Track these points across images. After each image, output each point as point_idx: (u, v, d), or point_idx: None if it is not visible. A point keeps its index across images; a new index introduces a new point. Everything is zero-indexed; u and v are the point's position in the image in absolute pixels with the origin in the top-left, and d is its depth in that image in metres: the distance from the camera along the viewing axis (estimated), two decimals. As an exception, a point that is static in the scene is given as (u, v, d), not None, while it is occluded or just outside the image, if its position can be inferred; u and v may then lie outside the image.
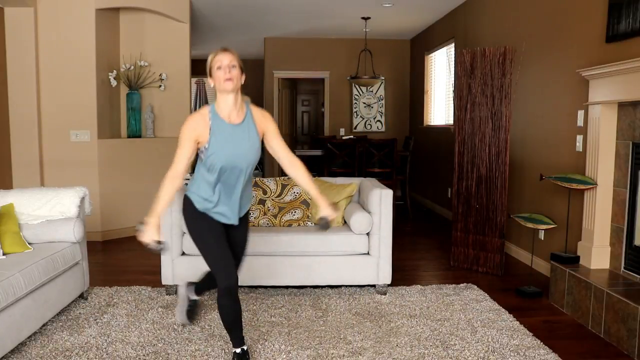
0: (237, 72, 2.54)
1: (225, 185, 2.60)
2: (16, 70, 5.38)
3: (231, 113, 2.58)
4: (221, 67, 2.51)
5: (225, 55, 2.54)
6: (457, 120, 4.72)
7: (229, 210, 2.64)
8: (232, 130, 2.56)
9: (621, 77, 3.42)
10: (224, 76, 2.50)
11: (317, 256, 3.85)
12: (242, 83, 2.59)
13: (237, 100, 2.58)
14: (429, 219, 7.19)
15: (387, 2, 6.64)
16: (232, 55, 2.55)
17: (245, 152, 2.57)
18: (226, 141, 2.54)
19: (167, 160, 6.61)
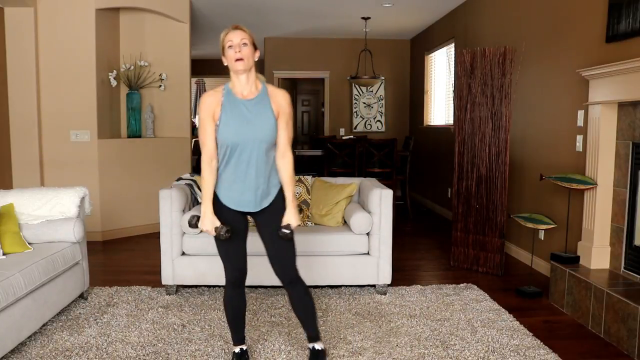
0: (249, 50, 2.46)
1: (240, 164, 2.48)
2: (16, 70, 5.38)
3: (244, 89, 2.51)
4: (232, 45, 2.45)
5: (236, 33, 2.46)
6: (457, 120, 4.72)
7: (247, 194, 2.51)
8: (244, 105, 2.48)
9: (621, 77, 3.42)
10: (235, 55, 2.44)
11: (317, 256, 3.85)
12: (256, 60, 2.51)
13: (250, 78, 2.51)
14: (429, 219, 7.19)
15: (387, 2, 6.64)
16: (244, 32, 2.47)
17: (257, 127, 2.46)
18: (237, 115, 2.46)
19: (167, 160, 6.67)
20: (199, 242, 3.84)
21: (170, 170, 6.05)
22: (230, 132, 2.45)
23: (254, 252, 3.84)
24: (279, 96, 2.54)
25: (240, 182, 2.50)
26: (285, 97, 2.56)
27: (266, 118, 2.48)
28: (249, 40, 2.47)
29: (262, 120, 2.47)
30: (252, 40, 2.49)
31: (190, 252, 3.86)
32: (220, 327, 3.32)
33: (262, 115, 2.48)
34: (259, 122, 2.47)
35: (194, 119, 12.17)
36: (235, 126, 2.45)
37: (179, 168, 6.19)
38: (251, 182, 2.50)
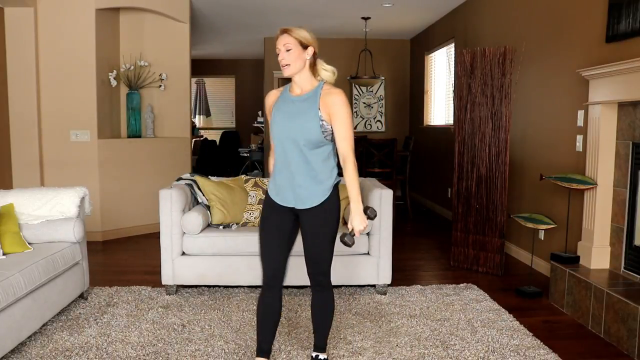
0: (294, 54, 2.41)
1: (283, 161, 2.48)
2: (16, 70, 5.38)
3: (297, 88, 2.49)
4: (278, 51, 2.44)
5: (281, 38, 2.43)
6: (457, 120, 4.72)
7: (286, 190, 2.48)
8: (291, 102, 2.47)
9: (621, 77, 3.42)
10: (281, 62, 2.43)
11: (317, 256, 3.84)
12: (308, 57, 2.46)
13: (303, 77, 2.47)
14: (429, 219, 7.19)
15: (387, 2, 6.64)
16: (288, 36, 2.42)
17: (297, 124, 2.41)
18: (284, 112, 2.46)
19: (167, 160, 6.67)
20: (199, 242, 3.84)
21: (170, 170, 6.05)
22: (276, 127, 2.46)
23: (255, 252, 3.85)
24: (329, 96, 2.43)
25: (281, 178, 2.50)
26: (337, 97, 2.42)
27: (309, 117, 2.41)
28: (294, 44, 2.42)
29: (305, 118, 2.41)
30: (298, 41, 2.43)
31: (190, 252, 3.86)
32: (220, 327, 3.32)
33: (306, 114, 2.42)
34: (300, 120, 2.41)
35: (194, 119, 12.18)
36: (280, 122, 2.45)
37: (179, 168, 6.19)
38: (290, 179, 2.47)
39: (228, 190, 4.11)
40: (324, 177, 2.47)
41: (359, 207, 2.40)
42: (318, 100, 2.42)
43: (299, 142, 2.41)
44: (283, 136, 2.44)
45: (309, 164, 2.44)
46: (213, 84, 12.59)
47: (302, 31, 2.46)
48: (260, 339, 2.60)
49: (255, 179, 4.27)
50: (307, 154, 2.43)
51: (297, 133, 2.41)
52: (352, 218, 2.41)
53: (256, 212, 4.10)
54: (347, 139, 2.41)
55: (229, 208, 4.02)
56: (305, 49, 2.45)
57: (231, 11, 7.13)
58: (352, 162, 2.41)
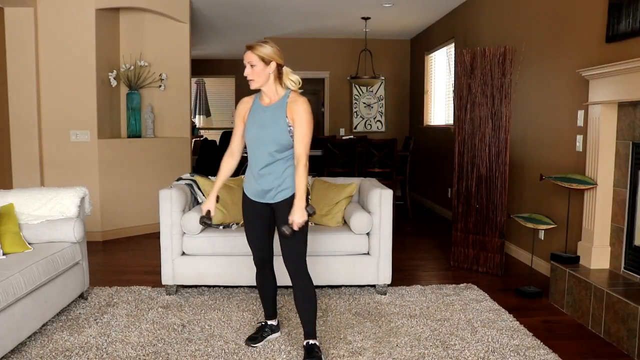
0: (258, 69, 2.69)
1: (256, 162, 2.80)
2: (16, 70, 5.38)
3: (266, 98, 2.79)
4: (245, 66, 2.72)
5: (245, 55, 2.71)
6: (457, 120, 4.72)
7: (257, 185, 2.81)
8: (263, 111, 2.77)
9: (621, 77, 3.42)
10: (247, 77, 2.73)
11: (317, 256, 3.84)
12: (271, 72, 2.71)
13: (270, 89, 2.75)
14: (429, 219, 7.19)
15: (387, 2, 6.64)
16: (250, 54, 2.69)
17: (269, 131, 2.72)
18: (256, 120, 2.77)
19: (167, 160, 6.66)
20: (199, 242, 3.84)
21: (170, 170, 6.05)
22: (250, 134, 2.79)
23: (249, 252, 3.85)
24: (295, 104, 2.73)
25: (255, 178, 2.82)
26: (300, 105, 2.72)
27: (279, 124, 2.72)
28: (257, 60, 2.68)
29: (275, 125, 2.72)
30: (260, 58, 2.68)
31: (190, 252, 3.86)
32: (220, 327, 3.32)
33: (275, 121, 2.72)
34: (271, 127, 2.72)
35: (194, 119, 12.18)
36: (254, 129, 2.77)
37: (179, 168, 6.19)
38: (263, 178, 2.79)
39: (228, 190, 4.11)
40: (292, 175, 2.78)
41: (302, 204, 2.68)
42: (285, 108, 2.73)
43: (271, 147, 2.73)
44: (257, 143, 2.77)
45: (278, 165, 2.76)
46: (213, 84, 12.59)
47: (265, 47, 2.70)
48: (265, 307, 3.14)
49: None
50: (277, 157, 2.75)
51: (269, 139, 2.73)
52: (293, 211, 2.67)
53: (256, 212, 4.10)
54: (303, 142, 2.72)
55: (229, 208, 4.02)
56: (267, 64, 2.70)
57: (231, 11, 7.13)
58: (304, 164, 2.70)
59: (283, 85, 2.79)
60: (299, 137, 2.71)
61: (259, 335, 3.09)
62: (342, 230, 3.95)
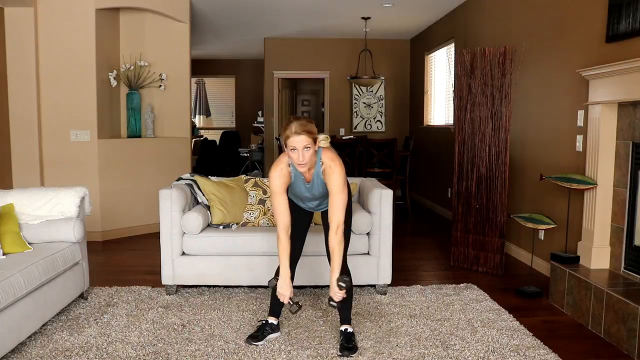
0: (311, 152, 2.73)
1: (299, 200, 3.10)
2: (16, 70, 5.38)
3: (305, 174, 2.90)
4: (295, 149, 2.70)
5: (299, 139, 2.68)
6: (457, 120, 4.72)
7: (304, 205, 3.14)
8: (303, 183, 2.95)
9: (621, 77, 3.42)
10: (297, 160, 2.73)
11: (317, 256, 3.84)
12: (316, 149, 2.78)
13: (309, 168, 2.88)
14: (429, 219, 7.19)
15: (387, 2, 6.64)
16: (305, 137, 2.68)
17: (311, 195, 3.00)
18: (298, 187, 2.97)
19: (167, 160, 6.66)
20: (199, 242, 3.84)
21: (170, 170, 6.05)
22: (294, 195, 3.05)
23: (255, 252, 3.85)
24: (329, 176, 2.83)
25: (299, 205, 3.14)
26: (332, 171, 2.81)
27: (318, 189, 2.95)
28: (312, 143, 2.72)
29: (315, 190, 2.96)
30: (313, 139, 2.72)
31: (190, 252, 3.86)
32: (220, 327, 3.32)
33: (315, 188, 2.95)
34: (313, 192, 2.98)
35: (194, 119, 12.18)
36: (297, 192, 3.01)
37: (179, 168, 6.19)
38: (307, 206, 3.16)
39: (228, 190, 4.11)
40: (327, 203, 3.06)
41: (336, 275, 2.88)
42: (321, 175, 2.88)
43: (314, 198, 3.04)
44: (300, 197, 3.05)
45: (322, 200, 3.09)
46: (213, 84, 12.59)
47: (312, 125, 2.75)
48: (273, 304, 3.16)
49: (255, 179, 4.27)
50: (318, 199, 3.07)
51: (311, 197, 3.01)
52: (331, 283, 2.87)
53: (256, 212, 4.10)
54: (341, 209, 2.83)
55: (229, 208, 4.02)
56: (315, 143, 2.76)
57: (231, 11, 7.14)
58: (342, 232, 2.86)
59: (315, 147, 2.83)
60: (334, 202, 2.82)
61: (260, 334, 3.10)
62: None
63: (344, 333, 3.03)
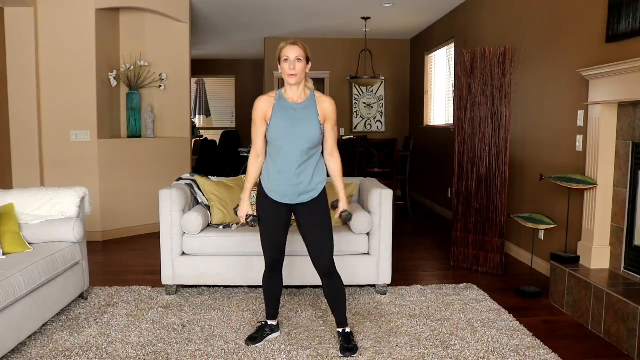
0: (302, 66, 2.74)
1: (284, 161, 2.79)
2: (16, 70, 5.38)
3: (294, 96, 2.82)
4: (288, 60, 2.73)
5: (293, 49, 2.73)
6: (457, 120, 4.72)
7: (287, 187, 2.82)
8: (293, 108, 2.81)
9: (621, 77, 3.42)
10: (289, 71, 2.73)
11: (317, 256, 3.84)
12: (307, 71, 2.80)
13: (301, 87, 2.82)
14: (429, 219, 7.19)
15: (387, 2, 6.64)
16: (300, 48, 2.74)
17: (303, 128, 2.77)
18: (285, 117, 2.79)
19: (167, 160, 6.66)
20: (199, 242, 3.84)
21: (170, 170, 6.05)
22: (280, 131, 2.77)
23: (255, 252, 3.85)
24: (325, 103, 2.84)
25: (282, 177, 2.81)
26: (331, 104, 2.85)
27: (311, 121, 2.79)
28: (303, 56, 2.75)
29: (308, 122, 2.79)
30: (306, 55, 2.77)
31: (190, 252, 3.86)
32: (220, 327, 3.32)
33: (308, 118, 2.79)
34: (305, 124, 2.78)
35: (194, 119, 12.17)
36: (284, 126, 2.78)
37: (179, 168, 6.19)
38: (292, 177, 2.80)
39: (228, 190, 4.11)
40: (319, 173, 2.87)
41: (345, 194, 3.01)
42: (316, 106, 2.82)
43: (305, 145, 2.77)
44: (289, 140, 2.77)
45: (309, 162, 2.82)
46: (213, 84, 12.58)
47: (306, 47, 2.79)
48: (268, 307, 3.14)
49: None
50: (309, 154, 2.80)
51: (303, 136, 2.76)
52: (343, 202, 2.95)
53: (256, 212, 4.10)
54: (334, 136, 2.90)
55: (229, 208, 4.02)
56: (308, 62, 2.80)
57: (231, 11, 7.13)
58: (338, 155, 2.93)
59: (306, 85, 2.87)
60: (329, 132, 2.85)
61: (259, 335, 3.10)
62: (342, 230, 3.95)
63: (342, 334, 3.03)
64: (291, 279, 3.87)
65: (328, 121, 2.84)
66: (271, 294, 3.12)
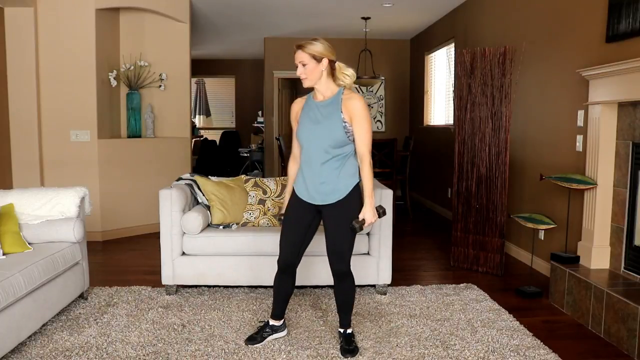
0: (311, 67, 2.69)
1: (308, 161, 2.79)
2: (16, 70, 5.38)
3: (319, 95, 2.80)
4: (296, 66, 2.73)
5: (296, 54, 2.72)
6: (457, 120, 4.72)
7: (309, 185, 2.80)
8: (316, 107, 2.78)
9: (621, 77, 3.42)
10: (299, 76, 2.73)
11: (317, 256, 3.84)
12: (323, 69, 2.71)
13: (323, 85, 2.76)
14: (429, 219, 7.19)
15: (387, 2, 6.64)
16: (302, 52, 2.70)
17: (323, 127, 2.72)
18: (309, 117, 2.78)
19: (167, 160, 6.67)
20: (199, 242, 3.84)
21: (170, 170, 6.05)
22: (303, 131, 2.79)
23: (255, 252, 3.85)
24: (350, 100, 2.71)
25: (307, 176, 2.80)
26: (357, 102, 2.71)
27: (332, 119, 2.71)
28: (308, 58, 2.69)
29: (328, 120, 2.72)
30: (312, 56, 2.69)
31: (190, 252, 3.86)
32: (220, 327, 3.32)
33: (330, 117, 2.72)
34: (325, 123, 2.72)
35: (194, 119, 12.18)
36: (306, 125, 2.78)
37: (179, 168, 6.19)
38: (315, 176, 2.77)
39: (228, 190, 4.11)
40: (347, 174, 2.77)
41: (372, 202, 2.72)
42: (340, 104, 2.72)
43: (325, 143, 2.72)
44: (310, 138, 2.76)
45: (333, 162, 2.75)
46: (213, 84, 12.59)
47: (316, 45, 2.70)
48: (275, 307, 3.09)
49: (255, 179, 4.27)
50: (332, 153, 2.73)
51: (323, 135, 2.71)
52: (365, 210, 2.72)
53: (256, 212, 4.10)
54: (364, 139, 2.71)
55: (229, 208, 4.02)
56: (319, 61, 2.70)
57: (231, 11, 7.13)
58: (368, 162, 2.72)
59: (337, 81, 2.78)
60: (360, 135, 2.70)
61: (259, 336, 3.09)
62: (342, 230, 3.94)
63: (343, 335, 3.02)
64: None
65: (354, 121, 2.70)
66: (279, 294, 3.07)
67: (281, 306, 3.09)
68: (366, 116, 2.71)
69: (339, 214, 2.78)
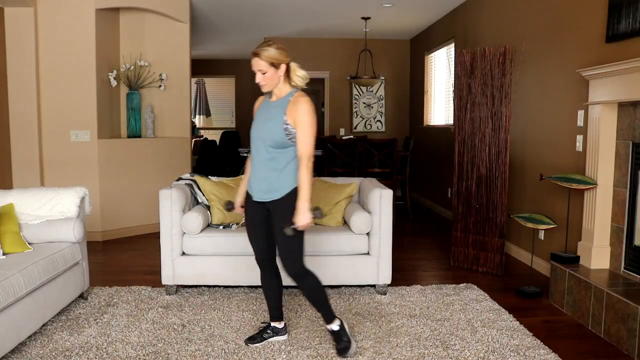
0: (269, 75, 2.71)
1: (255, 156, 2.84)
2: (16, 70, 5.38)
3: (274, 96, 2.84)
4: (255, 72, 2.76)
5: (253, 62, 2.72)
6: (457, 120, 4.72)
7: (252, 181, 2.86)
8: (267, 106, 2.85)
9: (621, 77, 3.42)
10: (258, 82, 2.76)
11: (317, 256, 3.84)
12: (281, 74, 2.74)
13: (278, 88, 2.80)
14: (429, 219, 7.19)
15: (387, 2, 6.64)
16: (258, 60, 2.70)
17: (266, 128, 2.76)
18: (260, 115, 2.86)
19: (167, 160, 6.67)
20: (199, 242, 3.84)
21: (170, 170, 6.05)
22: (252, 128, 2.86)
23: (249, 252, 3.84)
24: (296, 105, 2.72)
25: (252, 172, 2.87)
26: (301, 107, 2.71)
27: (275, 120, 2.74)
28: (265, 65, 2.70)
29: (272, 122, 2.75)
30: (268, 63, 2.69)
31: (190, 252, 3.86)
32: (220, 327, 3.32)
33: (273, 118, 2.76)
34: (269, 123, 2.76)
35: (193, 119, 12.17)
36: (256, 123, 2.85)
37: (179, 168, 6.19)
38: (258, 173, 2.82)
39: (228, 190, 4.11)
40: (288, 176, 2.78)
41: (306, 205, 2.70)
42: (285, 107, 2.74)
43: (266, 142, 2.75)
44: (256, 137, 2.81)
45: (273, 162, 2.77)
46: (213, 84, 12.58)
47: (271, 51, 2.70)
48: (269, 308, 3.12)
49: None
50: (273, 153, 2.76)
51: (265, 134, 2.76)
52: (297, 213, 2.71)
53: (256, 212, 4.10)
54: (304, 143, 2.71)
55: (229, 208, 4.02)
56: (277, 67, 2.73)
57: (231, 11, 7.13)
58: (304, 164, 2.70)
59: (292, 82, 2.80)
60: (301, 138, 2.71)
61: (259, 336, 3.09)
62: (342, 230, 3.95)
63: (330, 332, 2.98)
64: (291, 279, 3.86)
65: (297, 124, 2.69)
66: (268, 293, 3.08)
67: (275, 306, 3.09)
68: (308, 121, 2.69)
69: (279, 216, 2.78)
